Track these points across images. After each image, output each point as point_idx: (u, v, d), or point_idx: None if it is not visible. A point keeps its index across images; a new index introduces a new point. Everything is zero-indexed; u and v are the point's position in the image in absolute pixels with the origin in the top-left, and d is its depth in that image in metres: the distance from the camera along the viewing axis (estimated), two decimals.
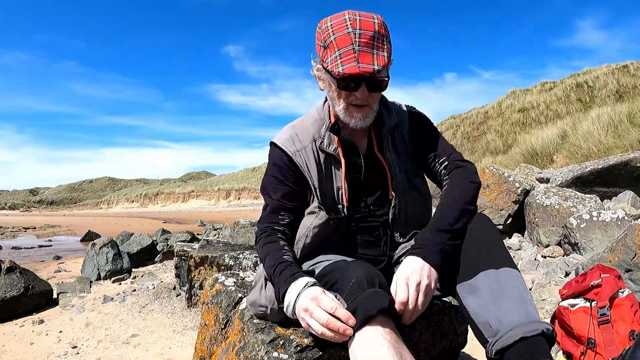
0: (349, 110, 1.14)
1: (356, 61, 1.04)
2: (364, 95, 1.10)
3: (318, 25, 1.12)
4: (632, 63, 15.79)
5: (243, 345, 1.23)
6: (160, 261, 5.94)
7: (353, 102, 1.12)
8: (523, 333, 0.94)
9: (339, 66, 1.05)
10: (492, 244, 1.08)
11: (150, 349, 2.51)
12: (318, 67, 1.16)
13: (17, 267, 3.59)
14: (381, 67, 1.05)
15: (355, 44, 1.04)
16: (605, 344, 1.49)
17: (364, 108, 1.14)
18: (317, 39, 1.12)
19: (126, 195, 61.01)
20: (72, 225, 19.14)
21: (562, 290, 1.79)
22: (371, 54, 1.05)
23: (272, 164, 1.25)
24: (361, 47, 1.04)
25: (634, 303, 1.57)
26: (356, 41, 1.04)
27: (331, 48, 1.07)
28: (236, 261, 2.98)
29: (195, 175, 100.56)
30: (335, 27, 1.07)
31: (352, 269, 1.03)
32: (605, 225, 3.12)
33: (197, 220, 18.81)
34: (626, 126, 7.20)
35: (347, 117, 1.15)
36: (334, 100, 1.16)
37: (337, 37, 1.06)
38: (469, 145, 15.37)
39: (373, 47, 1.05)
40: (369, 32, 1.05)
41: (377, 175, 1.25)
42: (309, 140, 1.22)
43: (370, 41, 1.05)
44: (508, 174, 4.26)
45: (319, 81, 1.19)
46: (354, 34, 1.04)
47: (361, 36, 1.04)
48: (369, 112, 1.15)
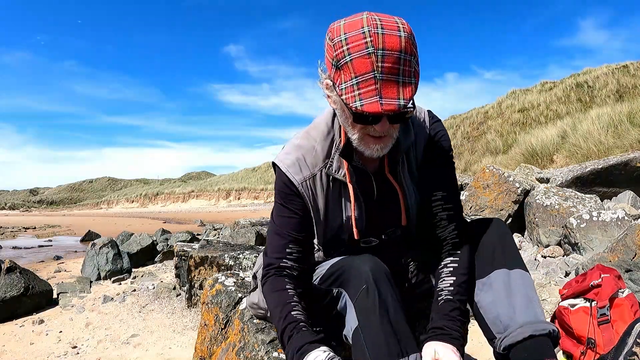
0: (364, 140, 0.97)
1: (378, 95, 0.83)
2: (384, 129, 0.94)
3: (329, 34, 0.90)
4: (632, 63, 15.80)
5: (243, 345, 1.23)
6: (160, 261, 5.94)
7: (371, 133, 0.95)
8: (532, 331, 0.96)
9: (357, 100, 0.85)
10: (506, 245, 1.10)
11: (150, 349, 2.51)
12: (328, 84, 0.96)
13: (17, 267, 3.59)
14: (408, 101, 0.85)
15: (377, 71, 0.83)
16: (605, 344, 1.49)
17: (383, 139, 0.97)
18: (328, 53, 0.91)
19: (126, 195, 61.01)
20: (72, 225, 19.14)
21: (562, 290, 1.79)
22: (396, 83, 0.84)
23: (278, 190, 1.12)
24: (384, 74, 0.83)
25: (634, 303, 1.57)
26: (378, 67, 0.83)
27: (346, 72, 0.86)
28: (236, 261, 2.98)
29: (195, 175, 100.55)
30: (352, 43, 0.84)
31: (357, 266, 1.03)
32: (605, 225, 3.12)
33: (197, 220, 18.80)
34: (626, 126, 7.20)
35: (362, 146, 0.99)
36: (347, 127, 0.99)
37: (354, 59, 0.84)
38: (469, 145, 15.37)
39: (399, 73, 0.84)
40: (395, 54, 0.83)
41: (388, 198, 1.13)
42: (317, 167, 1.08)
43: (396, 65, 0.84)
44: (508, 174, 4.26)
45: (329, 99, 1.00)
46: (376, 57, 0.83)
47: (385, 59, 0.83)
48: (388, 141, 0.98)
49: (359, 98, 0.85)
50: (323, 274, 1.13)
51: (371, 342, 0.92)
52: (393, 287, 1.01)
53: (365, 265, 1.01)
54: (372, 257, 1.06)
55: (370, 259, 1.04)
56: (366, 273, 0.99)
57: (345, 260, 1.09)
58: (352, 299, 0.99)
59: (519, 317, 0.99)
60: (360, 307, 0.96)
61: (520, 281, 1.05)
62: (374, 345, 0.92)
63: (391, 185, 1.11)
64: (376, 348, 0.92)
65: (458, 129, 18.15)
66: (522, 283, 1.04)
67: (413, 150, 1.12)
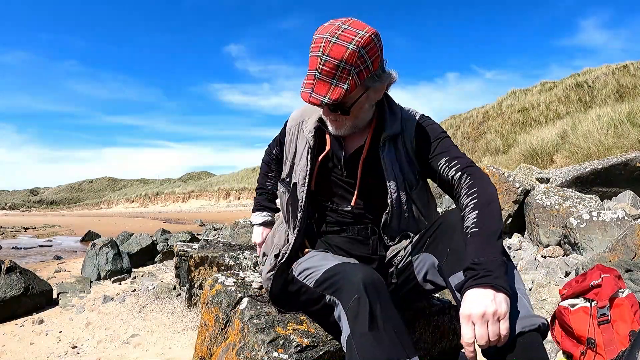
0: (323, 120, 1.26)
1: (311, 89, 1.06)
2: (326, 114, 1.19)
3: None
4: (632, 63, 15.79)
5: (243, 345, 1.23)
6: (160, 261, 5.94)
7: (323, 113, 1.21)
8: (521, 327, 0.91)
9: (302, 87, 1.08)
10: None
11: (150, 349, 2.51)
12: None
13: (17, 267, 3.59)
14: (332, 101, 1.04)
15: (317, 70, 1.04)
16: (605, 344, 1.49)
17: (334, 122, 1.19)
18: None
19: (126, 195, 60.99)
20: (72, 225, 19.13)
21: (562, 290, 1.79)
22: (329, 84, 1.04)
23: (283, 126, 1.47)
24: (322, 75, 1.04)
25: (634, 303, 1.57)
26: (319, 68, 1.04)
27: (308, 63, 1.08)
28: (236, 261, 2.98)
29: (195, 175, 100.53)
30: (313, 44, 1.06)
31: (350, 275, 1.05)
32: (605, 225, 3.12)
33: (197, 220, 18.80)
34: (626, 126, 7.19)
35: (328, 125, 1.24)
36: None
37: (310, 56, 1.06)
38: (469, 145, 15.37)
39: (334, 77, 1.04)
40: (334, 61, 1.02)
41: (373, 179, 1.26)
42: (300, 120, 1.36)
43: (333, 70, 1.03)
44: (508, 174, 4.26)
45: None
46: (321, 60, 1.03)
47: (325, 64, 1.03)
48: (341, 125, 1.19)
49: (302, 86, 1.08)
50: (318, 277, 1.15)
51: (362, 350, 0.94)
52: (385, 296, 1.01)
53: (358, 274, 1.03)
54: (365, 266, 1.10)
55: (362, 268, 1.07)
56: (357, 283, 1.01)
57: (339, 267, 1.12)
58: (344, 308, 1.02)
59: None
60: (352, 316, 0.99)
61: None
62: (365, 354, 0.94)
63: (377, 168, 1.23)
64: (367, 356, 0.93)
65: (458, 129, 18.14)
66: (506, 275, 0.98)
67: (401, 140, 1.24)
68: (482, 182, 1.08)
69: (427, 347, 1.48)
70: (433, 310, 1.51)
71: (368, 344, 0.94)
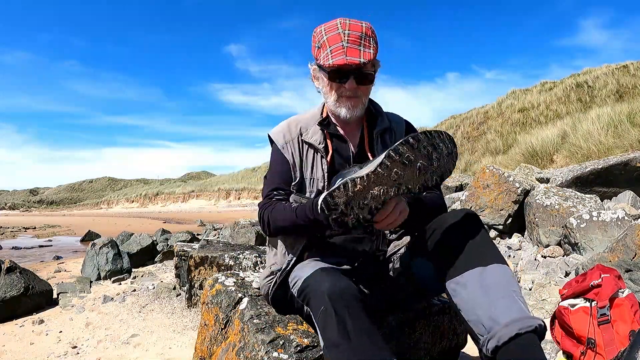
0: (339, 101, 1.26)
1: (344, 55, 1.17)
2: (352, 87, 1.23)
3: (314, 30, 1.27)
4: (632, 63, 15.79)
5: (243, 345, 1.23)
6: (160, 261, 5.94)
7: (343, 93, 1.25)
8: (518, 329, 0.92)
9: (329, 59, 1.18)
10: (480, 240, 1.08)
11: (150, 349, 2.51)
12: (314, 67, 1.31)
13: (17, 267, 3.59)
14: (367, 61, 1.18)
15: (344, 41, 1.18)
16: (605, 344, 1.49)
17: (353, 99, 1.25)
18: (312, 42, 1.27)
19: (126, 195, 60.96)
20: (72, 225, 19.13)
21: (562, 290, 1.79)
22: (358, 49, 1.18)
23: (271, 152, 1.39)
24: (349, 43, 1.18)
25: (634, 303, 1.57)
26: (345, 39, 1.18)
27: (324, 47, 1.21)
28: (236, 261, 2.98)
29: (195, 175, 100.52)
30: (327, 29, 1.21)
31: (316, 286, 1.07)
32: (605, 225, 3.12)
33: (197, 220, 18.79)
34: (626, 126, 7.19)
35: (337, 107, 1.27)
36: (327, 95, 1.28)
37: (328, 36, 1.20)
38: (469, 145, 15.37)
39: (360, 44, 1.19)
40: (357, 32, 1.19)
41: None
42: (296, 134, 1.34)
43: (358, 39, 1.19)
44: (508, 174, 4.26)
45: (315, 81, 1.33)
46: (343, 34, 1.19)
47: (349, 35, 1.19)
48: (358, 103, 1.27)
49: (331, 58, 1.18)
50: (299, 287, 1.16)
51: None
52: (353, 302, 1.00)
53: (324, 284, 1.03)
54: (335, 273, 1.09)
55: (330, 277, 1.06)
56: (322, 294, 1.01)
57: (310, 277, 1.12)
58: (315, 320, 1.04)
59: (501, 316, 0.95)
60: (321, 327, 1.01)
61: (499, 276, 1.02)
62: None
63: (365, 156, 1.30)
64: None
65: (458, 129, 18.14)
66: (501, 278, 1.01)
67: (390, 135, 1.35)
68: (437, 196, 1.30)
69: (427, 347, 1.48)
70: (433, 311, 1.51)
71: (341, 355, 0.94)
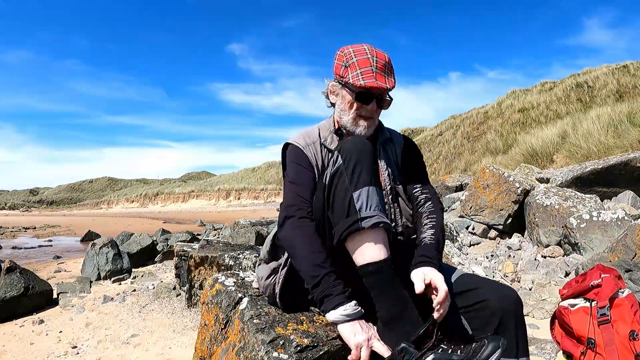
0: (355, 120, 1.35)
1: (374, 78, 1.28)
2: (373, 109, 1.34)
3: (340, 50, 1.37)
4: (632, 63, 15.79)
5: (243, 345, 1.23)
6: (160, 261, 5.94)
7: (362, 113, 1.35)
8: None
9: (361, 80, 1.28)
10: (522, 333, 1.17)
11: (150, 349, 2.51)
12: (333, 84, 1.40)
13: (17, 267, 3.59)
14: (391, 87, 1.31)
15: (373, 67, 1.30)
16: (605, 344, 1.49)
17: (370, 120, 1.36)
18: (339, 60, 1.36)
19: (126, 195, 60.97)
20: (72, 225, 19.13)
21: (562, 290, 1.79)
22: (384, 76, 1.31)
23: (291, 156, 1.38)
24: (377, 69, 1.30)
25: (634, 303, 1.57)
26: (374, 65, 1.30)
27: (353, 67, 1.31)
28: (236, 261, 2.98)
29: (195, 175, 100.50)
30: (357, 52, 1.32)
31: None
32: (605, 225, 3.12)
33: (197, 220, 18.79)
34: (626, 126, 7.20)
35: (353, 125, 1.36)
36: (344, 112, 1.37)
37: (359, 59, 1.31)
38: (469, 145, 15.38)
39: (384, 71, 1.31)
40: (382, 61, 1.32)
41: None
42: (316, 139, 1.41)
43: (383, 67, 1.31)
44: (508, 174, 4.26)
45: (331, 95, 1.42)
46: (372, 59, 1.31)
47: (377, 62, 1.31)
48: (373, 123, 1.38)
49: (362, 79, 1.29)
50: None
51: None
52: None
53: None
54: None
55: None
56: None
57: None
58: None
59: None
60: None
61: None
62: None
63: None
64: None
65: (458, 129, 18.15)
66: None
67: (391, 146, 1.47)
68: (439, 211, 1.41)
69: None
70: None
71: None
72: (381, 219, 1.13)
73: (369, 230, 1.12)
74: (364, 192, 1.14)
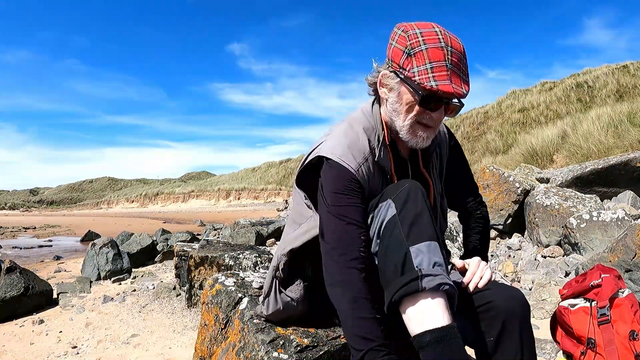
0: (413, 128, 1.04)
1: (449, 80, 0.96)
2: (440, 117, 1.04)
3: (402, 29, 1.01)
4: (632, 63, 15.81)
5: (243, 345, 1.23)
6: (160, 261, 5.94)
7: (423, 120, 1.04)
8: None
9: (431, 80, 0.96)
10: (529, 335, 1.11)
11: (150, 349, 2.51)
12: (387, 74, 1.06)
13: (17, 267, 3.59)
14: (467, 93, 0.99)
15: (448, 62, 0.96)
16: (605, 344, 1.49)
17: (430, 129, 1.06)
18: (399, 42, 1.01)
19: (126, 195, 60.95)
20: (72, 225, 19.12)
21: (562, 290, 1.79)
22: (459, 76, 0.98)
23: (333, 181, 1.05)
24: (453, 66, 0.97)
25: (634, 303, 1.56)
26: (449, 59, 0.96)
27: (420, 58, 0.97)
28: (236, 261, 2.98)
29: (195, 175, 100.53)
30: (426, 36, 0.97)
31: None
32: (605, 225, 3.12)
33: (197, 220, 18.78)
34: (626, 126, 7.20)
35: (408, 134, 1.05)
36: (398, 114, 1.05)
37: (429, 48, 0.96)
38: (469, 145, 15.37)
39: (460, 69, 0.99)
40: (458, 53, 0.98)
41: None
42: (364, 156, 1.08)
43: (459, 63, 0.98)
44: (508, 174, 4.26)
45: (381, 88, 1.08)
46: (447, 51, 0.96)
47: (453, 55, 0.97)
48: (433, 133, 1.07)
49: (433, 79, 0.96)
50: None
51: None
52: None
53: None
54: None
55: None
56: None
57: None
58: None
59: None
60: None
61: None
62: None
63: (424, 180, 1.17)
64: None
65: (458, 129, 18.15)
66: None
67: (438, 150, 1.23)
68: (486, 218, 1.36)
69: None
70: None
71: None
72: (446, 280, 0.91)
73: (431, 292, 0.90)
74: (424, 247, 0.93)
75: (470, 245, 1.29)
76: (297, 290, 1.20)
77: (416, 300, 0.90)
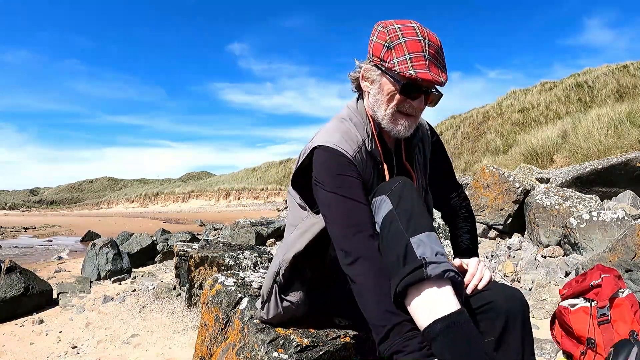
0: (395, 117, 1.09)
1: (427, 69, 1.01)
2: (420, 106, 1.08)
3: (381, 26, 1.08)
4: (632, 63, 15.80)
5: (243, 345, 1.23)
6: (160, 261, 5.94)
7: (404, 109, 1.09)
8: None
9: (410, 69, 1.01)
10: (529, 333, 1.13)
11: (150, 349, 2.51)
12: (368, 68, 1.11)
13: (17, 267, 3.59)
14: (445, 82, 1.04)
15: (425, 52, 1.02)
16: (605, 344, 1.49)
17: (411, 118, 1.10)
18: (379, 37, 1.07)
19: (126, 195, 60.93)
20: (72, 225, 19.12)
21: (562, 290, 1.79)
22: (437, 66, 1.04)
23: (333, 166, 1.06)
24: (430, 56, 1.03)
25: (634, 303, 1.57)
26: (426, 50, 1.02)
27: (399, 50, 1.03)
28: (236, 261, 2.98)
29: (195, 175, 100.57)
30: (405, 30, 1.04)
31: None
32: (605, 225, 3.12)
33: (197, 220, 18.78)
34: (626, 126, 7.20)
35: (390, 124, 1.10)
36: (380, 105, 1.10)
37: (407, 40, 1.03)
38: (469, 145, 15.37)
39: (438, 60, 1.04)
40: (435, 46, 1.05)
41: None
42: (359, 144, 1.12)
43: (436, 54, 1.04)
44: (508, 174, 4.26)
45: (364, 81, 1.14)
46: (424, 43, 1.03)
47: (430, 47, 1.03)
48: (414, 122, 1.11)
49: (412, 68, 1.01)
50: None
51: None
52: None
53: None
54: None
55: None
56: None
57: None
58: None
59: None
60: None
61: None
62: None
63: (407, 173, 1.21)
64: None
65: (458, 129, 18.15)
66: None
67: (421, 146, 1.27)
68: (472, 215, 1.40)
69: None
70: None
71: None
72: (451, 267, 0.91)
73: (436, 280, 0.89)
74: (424, 237, 0.94)
75: (463, 245, 1.30)
76: (298, 294, 1.20)
77: (421, 289, 0.89)
